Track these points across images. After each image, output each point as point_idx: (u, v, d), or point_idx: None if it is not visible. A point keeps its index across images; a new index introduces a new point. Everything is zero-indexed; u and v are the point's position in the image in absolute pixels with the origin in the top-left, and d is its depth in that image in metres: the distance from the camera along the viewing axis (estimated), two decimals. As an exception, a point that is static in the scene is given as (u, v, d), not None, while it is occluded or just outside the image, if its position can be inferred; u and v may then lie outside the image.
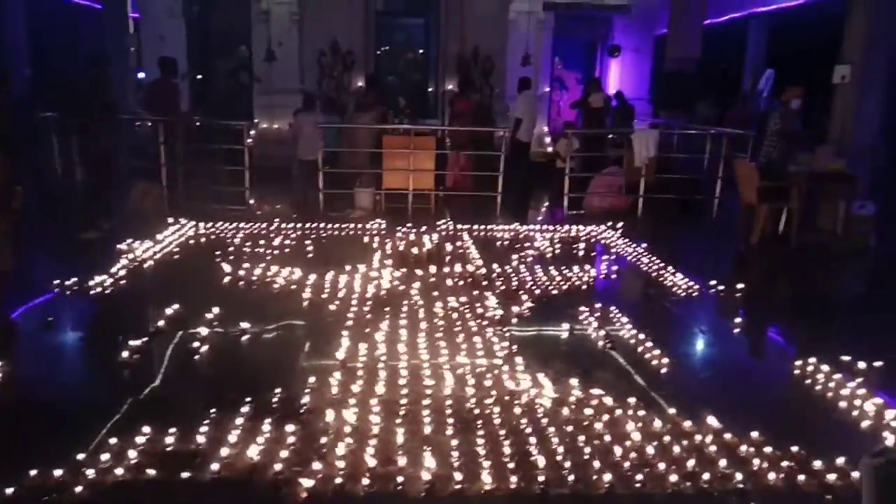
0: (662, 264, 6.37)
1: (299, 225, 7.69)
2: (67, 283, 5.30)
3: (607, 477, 2.92)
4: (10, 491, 2.67)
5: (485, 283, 5.80)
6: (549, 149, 13.14)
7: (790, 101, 7.63)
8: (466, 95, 10.88)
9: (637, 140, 9.43)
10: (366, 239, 7.37)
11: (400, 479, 2.88)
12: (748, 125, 10.29)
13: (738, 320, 5.11)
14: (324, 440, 3.16)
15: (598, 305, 5.18)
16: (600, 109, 11.24)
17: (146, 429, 3.14)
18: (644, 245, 7.06)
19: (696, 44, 12.16)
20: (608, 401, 3.62)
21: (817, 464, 3.06)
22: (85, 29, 16.04)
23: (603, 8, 14.48)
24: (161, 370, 3.96)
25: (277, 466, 2.93)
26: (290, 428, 3.22)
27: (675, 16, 12.38)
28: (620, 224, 8.02)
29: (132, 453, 2.96)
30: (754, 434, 3.30)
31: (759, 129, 8.59)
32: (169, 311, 4.77)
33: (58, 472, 2.80)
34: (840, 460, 3.07)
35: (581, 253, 7.16)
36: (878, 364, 4.19)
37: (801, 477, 3.00)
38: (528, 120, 10.40)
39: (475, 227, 7.86)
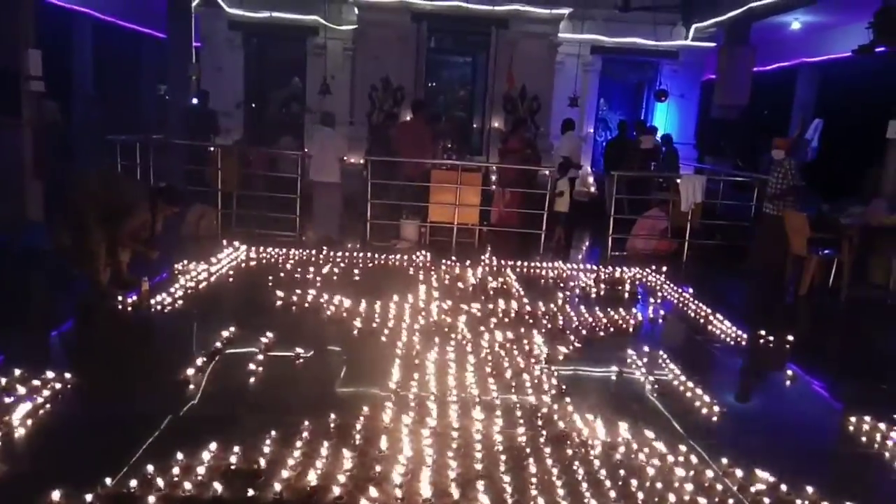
0: (709, 311, 6.34)
1: (346, 254, 7.88)
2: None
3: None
4: (88, 498, 2.80)
5: (530, 320, 5.87)
6: (593, 188, 13.21)
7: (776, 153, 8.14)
8: (519, 134, 11.00)
9: (684, 185, 9.44)
10: (411, 271, 7.51)
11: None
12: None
13: (788, 372, 5.06)
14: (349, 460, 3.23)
15: (645, 349, 5.20)
16: (650, 151, 11.25)
17: (213, 446, 3.27)
18: (689, 290, 7.03)
19: (745, 91, 12.16)
20: (659, 446, 3.63)
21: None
22: (148, 56, 16.86)
23: (651, 53, 14.61)
24: (201, 389, 4.10)
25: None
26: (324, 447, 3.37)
27: (724, 63, 12.42)
28: (665, 268, 8.01)
29: (200, 469, 3.09)
30: (809, 489, 3.27)
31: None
32: (225, 332, 4.94)
33: (133, 483, 2.92)
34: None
35: (626, 295, 7.17)
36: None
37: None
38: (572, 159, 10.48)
39: (518, 263, 7.92)
